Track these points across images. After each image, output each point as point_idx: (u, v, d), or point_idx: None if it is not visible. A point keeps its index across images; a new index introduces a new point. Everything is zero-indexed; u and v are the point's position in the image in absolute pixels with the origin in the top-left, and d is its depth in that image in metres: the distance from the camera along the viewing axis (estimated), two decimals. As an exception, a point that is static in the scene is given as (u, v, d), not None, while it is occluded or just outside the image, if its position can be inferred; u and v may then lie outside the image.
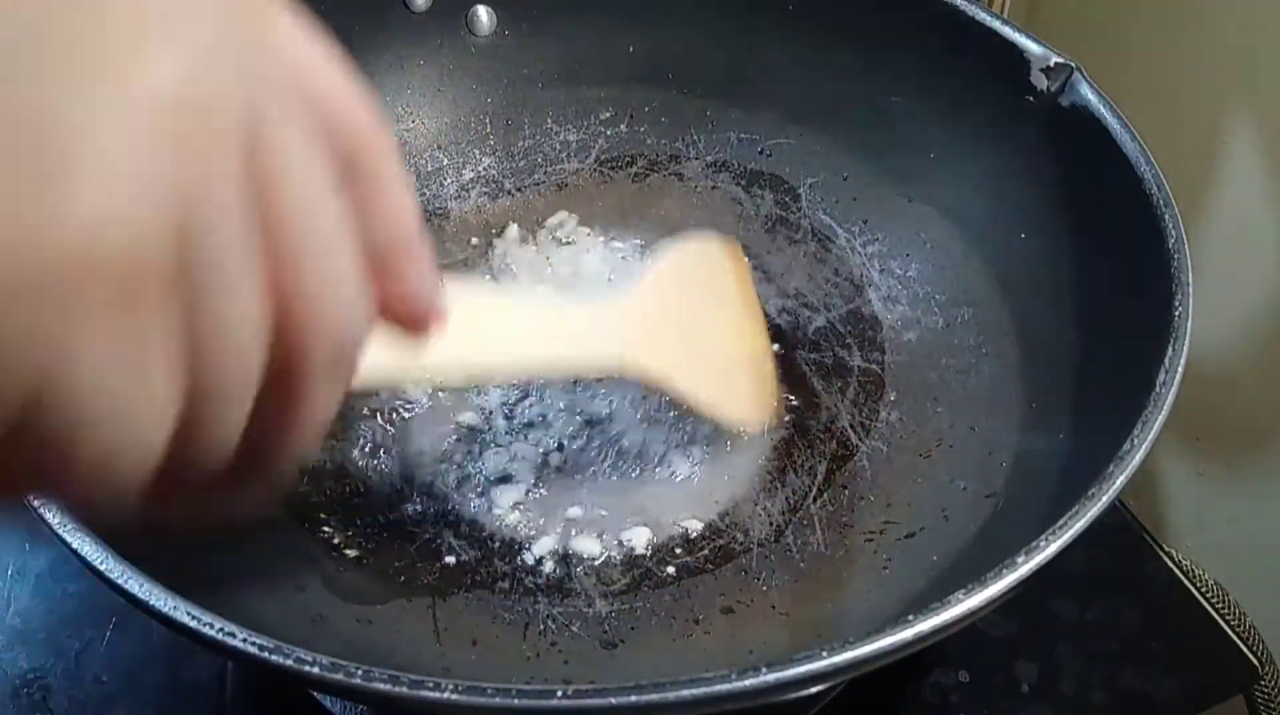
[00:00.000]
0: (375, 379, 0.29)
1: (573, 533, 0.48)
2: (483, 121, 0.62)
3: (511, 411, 0.53)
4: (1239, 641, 0.53)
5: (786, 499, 0.50)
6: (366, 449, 0.51)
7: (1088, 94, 0.48)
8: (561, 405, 0.53)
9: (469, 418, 0.53)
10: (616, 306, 0.47)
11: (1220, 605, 0.55)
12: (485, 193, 0.62)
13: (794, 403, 0.53)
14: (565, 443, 0.52)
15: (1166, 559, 0.56)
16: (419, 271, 0.26)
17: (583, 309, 0.46)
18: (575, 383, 0.53)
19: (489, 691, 0.30)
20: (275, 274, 0.20)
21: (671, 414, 0.53)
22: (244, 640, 0.31)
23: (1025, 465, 0.46)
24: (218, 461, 0.21)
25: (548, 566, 0.47)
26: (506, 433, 0.52)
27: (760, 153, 0.61)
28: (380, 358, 0.27)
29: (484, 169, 0.62)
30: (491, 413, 0.53)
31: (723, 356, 0.50)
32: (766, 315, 0.57)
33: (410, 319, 0.26)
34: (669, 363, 0.46)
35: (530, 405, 0.53)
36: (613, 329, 0.45)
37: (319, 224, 0.21)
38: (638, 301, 0.47)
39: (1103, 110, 0.48)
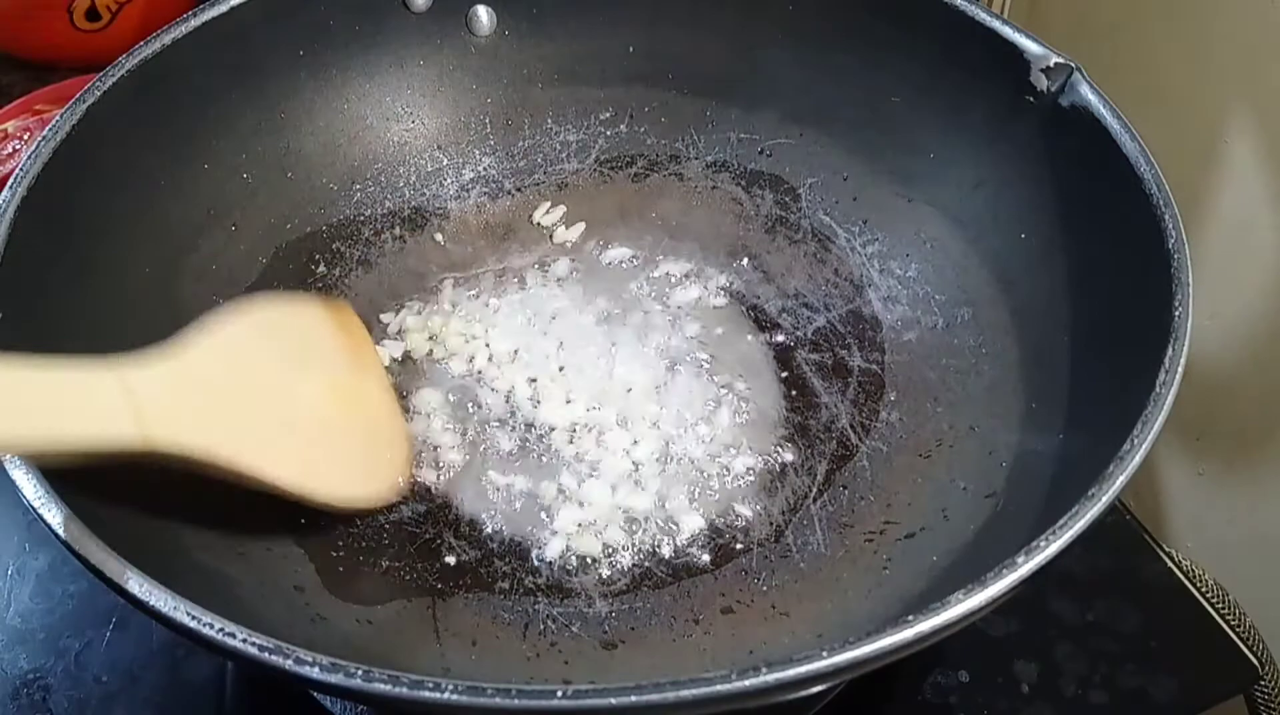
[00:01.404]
0: None
1: (573, 533, 0.48)
2: (483, 121, 0.62)
3: (512, 411, 0.53)
4: (1239, 641, 0.53)
5: (786, 499, 0.50)
6: (366, 449, 0.51)
7: (1088, 94, 0.48)
8: (562, 405, 0.53)
9: (469, 418, 0.53)
10: (146, 369, 0.38)
11: (1220, 605, 0.55)
12: (485, 193, 0.62)
13: (795, 403, 0.53)
14: (566, 444, 0.52)
15: (1166, 559, 0.56)
16: None
17: (90, 373, 0.36)
18: (574, 385, 0.53)
19: (489, 692, 0.30)
20: None
21: (674, 415, 0.53)
22: (244, 640, 0.31)
23: (1025, 465, 0.46)
24: None
25: (548, 567, 0.47)
26: (507, 432, 0.52)
27: (760, 153, 0.61)
28: None
29: (484, 169, 0.62)
30: (492, 413, 0.53)
31: (326, 421, 0.43)
32: (766, 315, 0.57)
33: None
34: (228, 439, 0.38)
35: (531, 405, 0.53)
36: (144, 396, 0.36)
37: None
38: (180, 365, 0.39)
39: (1103, 110, 0.48)
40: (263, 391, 0.41)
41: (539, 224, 0.61)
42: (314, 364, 0.44)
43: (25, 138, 0.67)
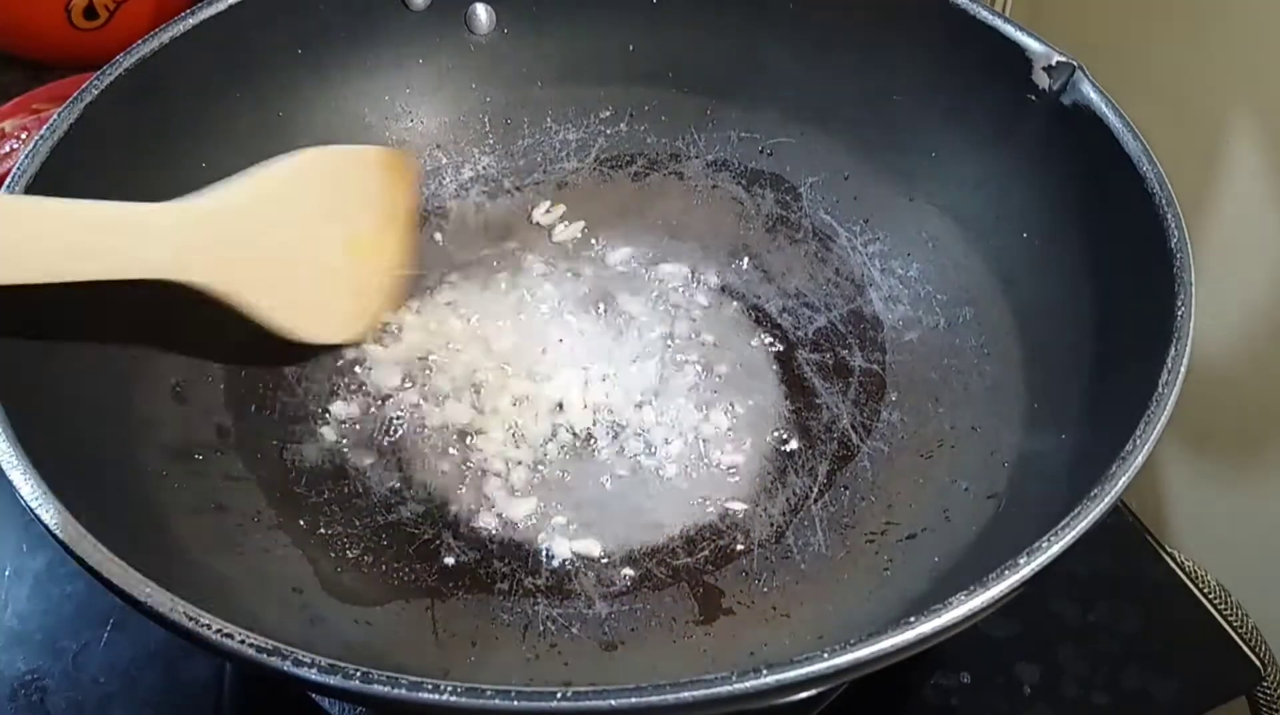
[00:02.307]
0: None
1: (572, 533, 0.48)
2: (482, 120, 0.62)
3: (513, 412, 0.53)
4: (1241, 642, 0.53)
5: (787, 500, 0.50)
6: (366, 450, 0.51)
7: (1090, 93, 0.48)
8: (561, 406, 0.53)
9: (469, 419, 0.53)
10: (194, 207, 0.44)
11: (1222, 606, 0.55)
12: (484, 192, 0.62)
13: (795, 403, 0.53)
14: (566, 444, 0.51)
15: (1168, 560, 0.56)
16: None
17: (144, 208, 0.42)
18: (574, 385, 0.53)
19: (488, 693, 0.30)
20: None
21: (673, 415, 0.52)
22: (242, 641, 0.31)
23: (1027, 466, 0.46)
24: None
25: (547, 567, 0.47)
26: (507, 433, 0.52)
27: (761, 152, 0.61)
28: None
29: (483, 168, 0.62)
30: (492, 414, 0.53)
31: (317, 268, 0.48)
32: (767, 315, 0.57)
33: None
34: (241, 272, 0.44)
35: (530, 405, 0.53)
36: (177, 230, 0.42)
37: None
38: (228, 202, 0.45)
39: (1105, 109, 0.47)
40: (283, 237, 0.47)
41: (538, 223, 0.61)
42: (340, 214, 0.49)
43: (23, 137, 0.66)
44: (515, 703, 0.30)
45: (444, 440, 0.52)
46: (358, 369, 0.54)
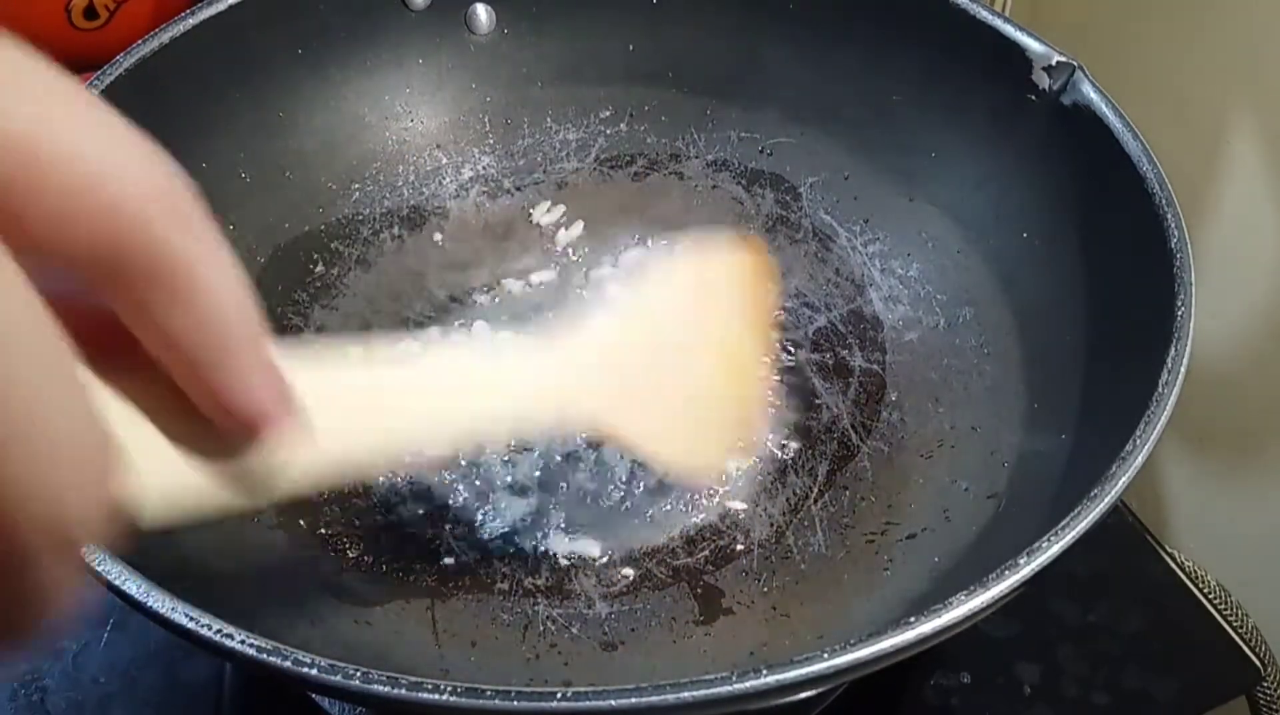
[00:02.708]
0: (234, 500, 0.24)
1: (572, 533, 0.48)
2: (482, 120, 0.62)
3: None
4: (1241, 642, 0.53)
5: (787, 500, 0.50)
6: (365, 449, 0.51)
7: (1090, 93, 0.48)
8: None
9: (468, 418, 0.52)
10: (556, 344, 0.39)
11: (1222, 606, 0.55)
12: (485, 192, 0.62)
13: (795, 403, 0.53)
14: (566, 443, 0.51)
15: (1168, 560, 0.56)
16: (244, 363, 0.20)
17: (509, 353, 0.37)
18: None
19: (488, 694, 0.30)
20: None
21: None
22: (242, 641, 0.31)
23: (1027, 466, 0.46)
24: None
25: (547, 567, 0.47)
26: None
27: (761, 152, 0.61)
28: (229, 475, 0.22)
29: (483, 168, 0.62)
30: (491, 413, 0.53)
31: (695, 398, 0.41)
32: (767, 315, 0.57)
33: (247, 422, 0.21)
34: (622, 408, 0.39)
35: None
36: (550, 373, 0.37)
37: (17, 378, 0.15)
38: (595, 332, 0.40)
39: (1105, 109, 0.47)
40: (649, 364, 0.40)
41: (538, 223, 0.61)
42: (709, 326, 0.42)
43: (23, 137, 0.66)
44: (515, 703, 0.30)
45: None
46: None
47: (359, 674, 0.30)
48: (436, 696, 0.30)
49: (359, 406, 0.28)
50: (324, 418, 0.24)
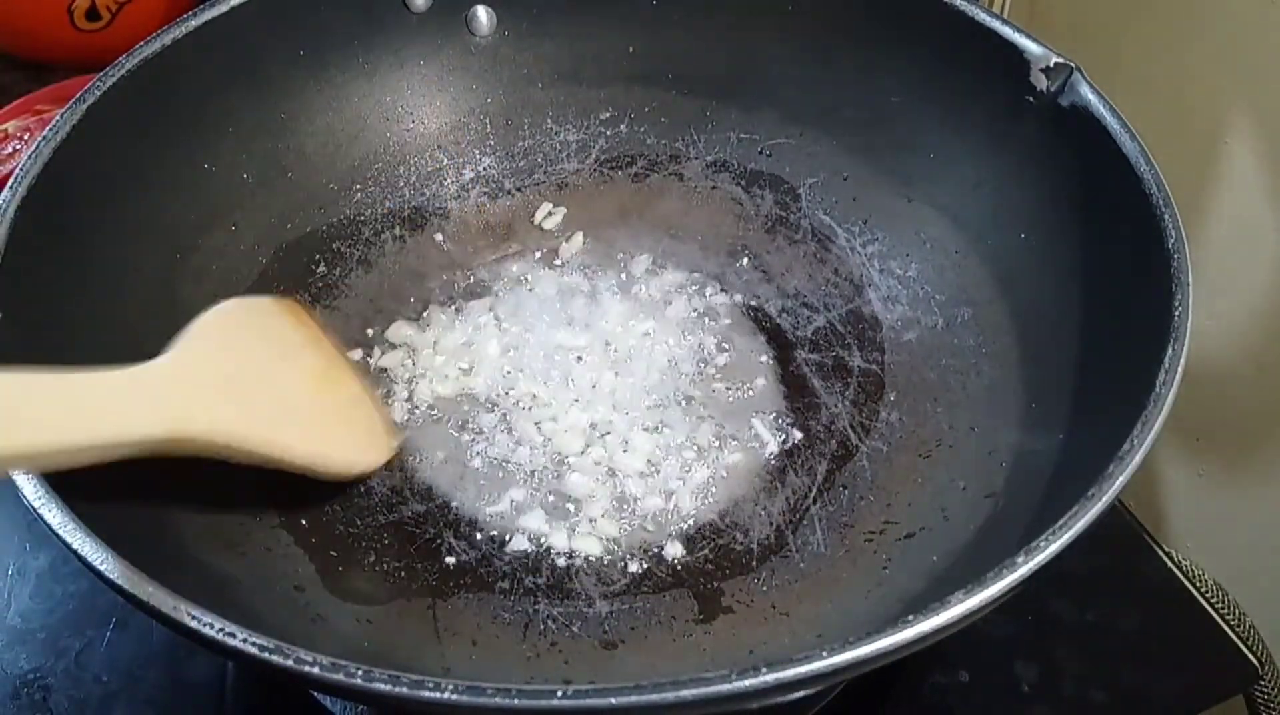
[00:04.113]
0: None
1: (573, 532, 0.48)
2: (483, 121, 0.62)
3: (512, 411, 0.53)
4: (1238, 641, 0.53)
5: (787, 499, 0.50)
6: (367, 449, 0.51)
7: (1087, 94, 0.48)
8: (561, 407, 0.53)
9: (470, 419, 0.53)
10: (156, 368, 0.41)
11: (1220, 605, 0.55)
12: (485, 193, 0.62)
13: (795, 403, 0.53)
14: (565, 444, 0.52)
15: (1166, 559, 0.56)
16: None
17: (108, 375, 0.38)
18: (575, 385, 0.54)
19: (489, 691, 0.30)
20: None
21: (673, 415, 0.53)
22: (244, 640, 0.31)
23: (1025, 465, 0.46)
24: None
25: (548, 566, 0.47)
26: (507, 434, 0.52)
27: (760, 153, 0.61)
28: None
29: (484, 169, 0.62)
30: (493, 414, 0.53)
31: (312, 401, 0.46)
32: (766, 315, 0.57)
33: None
34: (241, 418, 0.41)
35: (530, 405, 0.53)
36: (160, 391, 0.39)
37: None
38: (185, 361, 0.42)
39: (1102, 110, 0.48)
40: (257, 380, 0.45)
41: (538, 224, 0.61)
42: (290, 354, 0.47)
43: (25, 138, 0.67)
44: (516, 701, 0.30)
45: (445, 440, 0.52)
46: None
47: (361, 672, 0.30)
48: (438, 694, 0.30)
49: None
50: None
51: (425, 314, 0.57)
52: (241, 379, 0.44)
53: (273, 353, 0.46)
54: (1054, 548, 0.34)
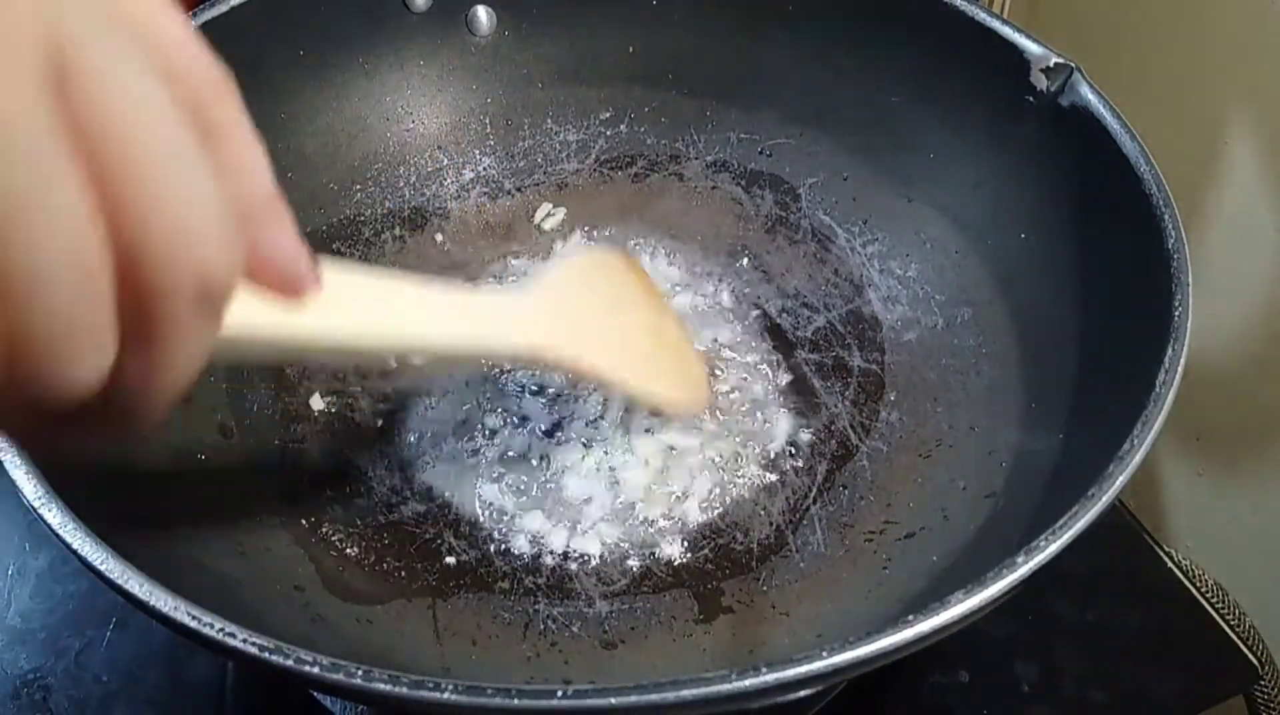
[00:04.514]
0: (255, 337, 0.27)
1: (573, 533, 0.48)
2: (482, 121, 0.63)
3: (513, 413, 0.53)
4: (1239, 641, 0.53)
5: (786, 499, 0.50)
6: (367, 449, 0.51)
7: (1087, 94, 0.48)
8: (563, 406, 0.53)
9: (469, 420, 0.53)
10: (525, 299, 0.45)
11: (1220, 605, 0.55)
12: (485, 193, 0.62)
13: (794, 403, 0.53)
14: (565, 444, 0.52)
15: (1166, 559, 0.56)
16: (284, 229, 0.25)
17: (487, 297, 0.44)
18: (575, 386, 0.54)
19: (489, 692, 0.30)
20: (113, 204, 0.19)
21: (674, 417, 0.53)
22: (244, 640, 0.31)
23: (1025, 465, 0.46)
24: (72, 399, 0.20)
25: (548, 566, 0.47)
26: (507, 434, 0.52)
27: (760, 153, 0.62)
28: (260, 313, 0.26)
29: (484, 169, 0.62)
30: (493, 414, 0.53)
31: (644, 347, 0.49)
32: (766, 315, 0.57)
33: (281, 280, 0.25)
34: (588, 352, 0.45)
35: (530, 405, 0.53)
36: (523, 319, 0.44)
37: (156, 147, 0.20)
38: (545, 296, 0.46)
39: (1102, 110, 0.48)
40: (598, 322, 0.48)
41: (538, 224, 0.61)
42: (626, 305, 0.50)
43: (25, 138, 0.66)
44: (516, 701, 0.30)
45: (446, 441, 0.52)
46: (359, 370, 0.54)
47: (361, 672, 0.30)
48: (438, 694, 0.30)
49: (363, 296, 0.34)
50: (333, 293, 0.28)
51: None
52: (591, 315, 0.47)
53: (609, 303, 0.50)
54: (1054, 548, 0.34)
